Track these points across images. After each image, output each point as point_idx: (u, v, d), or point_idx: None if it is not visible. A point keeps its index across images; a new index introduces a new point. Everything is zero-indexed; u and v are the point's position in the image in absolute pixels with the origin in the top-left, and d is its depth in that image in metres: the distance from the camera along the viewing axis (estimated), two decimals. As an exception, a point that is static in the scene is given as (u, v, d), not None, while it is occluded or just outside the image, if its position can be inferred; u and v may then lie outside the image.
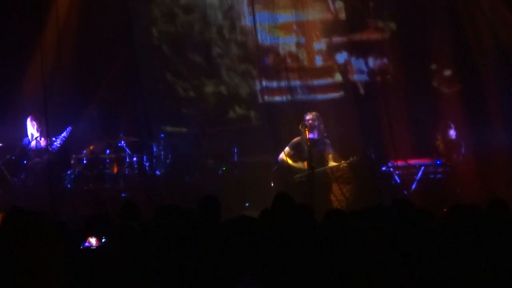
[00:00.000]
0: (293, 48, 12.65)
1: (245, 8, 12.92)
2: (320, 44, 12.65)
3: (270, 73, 12.63)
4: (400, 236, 4.52)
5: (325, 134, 11.00)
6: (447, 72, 11.93)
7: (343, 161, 10.72)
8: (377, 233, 4.22)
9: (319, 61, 12.64)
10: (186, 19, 13.14)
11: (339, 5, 12.64)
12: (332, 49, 12.58)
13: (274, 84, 12.58)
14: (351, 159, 10.72)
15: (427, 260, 4.26)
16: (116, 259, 4.25)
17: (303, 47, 12.63)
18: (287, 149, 10.93)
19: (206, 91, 13.02)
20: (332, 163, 10.77)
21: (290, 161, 10.86)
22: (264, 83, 12.51)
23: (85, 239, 6.66)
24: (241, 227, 3.47)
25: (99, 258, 4.70)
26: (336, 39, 12.58)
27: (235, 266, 3.35)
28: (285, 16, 12.56)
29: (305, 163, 10.71)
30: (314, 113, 10.95)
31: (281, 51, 12.56)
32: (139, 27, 12.91)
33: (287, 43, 12.63)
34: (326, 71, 12.60)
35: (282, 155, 10.93)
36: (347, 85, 12.47)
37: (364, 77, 12.55)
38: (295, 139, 10.95)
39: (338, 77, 12.58)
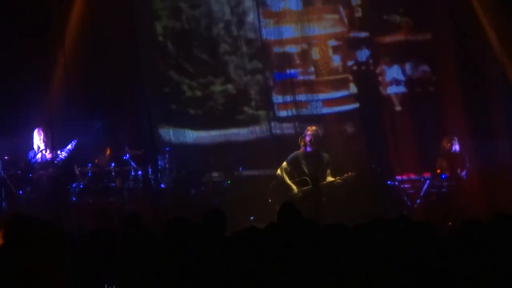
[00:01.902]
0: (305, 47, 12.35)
1: (253, 4, 12.52)
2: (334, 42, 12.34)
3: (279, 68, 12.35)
4: (405, 250, 4.52)
5: (325, 149, 10.95)
6: (451, 86, 11.92)
7: (338, 178, 10.66)
8: (382, 247, 4.22)
9: (336, 60, 12.32)
10: (192, 14, 12.82)
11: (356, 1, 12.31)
12: (351, 46, 12.27)
13: (281, 99, 12.44)
14: (345, 175, 10.67)
15: (432, 273, 4.26)
16: (121, 271, 4.26)
17: (317, 46, 12.32)
18: (284, 164, 10.93)
19: (213, 90, 12.73)
20: (329, 179, 10.73)
21: (285, 177, 10.85)
22: (274, 98, 12.34)
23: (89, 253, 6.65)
24: (248, 238, 3.48)
25: (104, 271, 4.70)
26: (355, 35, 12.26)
27: (241, 276, 3.36)
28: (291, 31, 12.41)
29: (296, 186, 10.72)
30: (314, 127, 10.92)
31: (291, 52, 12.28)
32: (143, 23, 12.61)
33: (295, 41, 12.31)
34: (340, 82, 12.32)
35: (279, 171, 10.94)
36: (362, 97, 12.25)
37: (401, 89, 12.24)
38: (293, 154, 10.94)
39: (353, 89, 12.32)
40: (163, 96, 12.83)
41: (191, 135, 12.80)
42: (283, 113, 12.47)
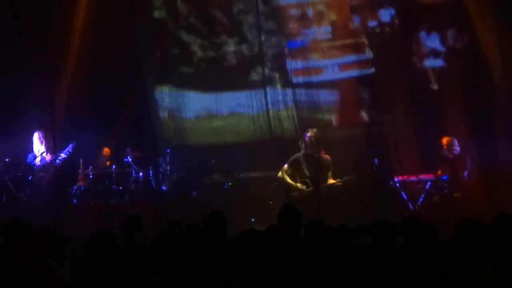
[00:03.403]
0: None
1: None
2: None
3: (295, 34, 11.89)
4: (408, 251, 4.51)
5: (325, 151, 10.92)
6: (453, 86, 11.89)
7: (338, 180, 10.65)
8: (385, 248, 4.21)
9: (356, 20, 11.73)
10: None
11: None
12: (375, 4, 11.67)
13: (296, 64, 11.90)
14: (345, 178, 10.65)
15: (434, 274, 4.25)
16: (122, 273, 4.25)
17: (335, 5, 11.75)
18: (285, 166, 10.90)
19: (226, 50, 12.32)
20: (330, 181, 10.72)
21: (287, 179, 10.83)
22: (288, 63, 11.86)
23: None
24: (249, 240, 3.47)
25: (105, 273, 4.69)
26: None
27: (242, 277, 3.35)
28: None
29: (299, 184, 10.71)
30: (315, 130, 10.88)
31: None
32: None
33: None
34: (356, 46, 11.76)
35: (280, 173, 10.92)
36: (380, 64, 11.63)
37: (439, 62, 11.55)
38: (294, 156, 10.92)
39: (369, 54, 11.71)
40: (171, 58, 12.42)
41: (190, 98, 12.45)
42: (299, 79, 11.95)
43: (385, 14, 11.71)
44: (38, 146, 11.35)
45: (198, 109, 12.63)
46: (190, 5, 12.43)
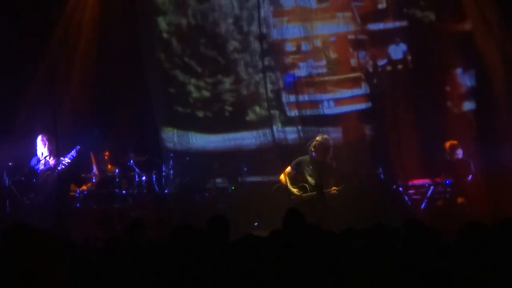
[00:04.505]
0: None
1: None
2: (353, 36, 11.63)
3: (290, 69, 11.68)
4: (410, 254, 4.51)
5: (332, 157, 10.86)
6: (458, 92, 11.87)
7: (333, 188, 10.61)
8: (386, 252, 4.21)
9: (361, 56, 11.58)
10: (199, 8, 12.12)
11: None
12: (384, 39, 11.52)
13: (291, 98, 11.77)
14: (341, 186, 10.60)
15: (437, 278, 4.25)
16: (126, 278, 4.25)
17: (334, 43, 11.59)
18: (288, 168, 10.89)
19: (222, 89, 12.13)
20: (330, 187, 10.67)
21: (288, 181, 10.82)
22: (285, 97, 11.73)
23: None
24: (252, 244, 3.48)
25: (109, 278, 4.70)
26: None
27: (245, 281, 3.36)
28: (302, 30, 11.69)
29: (296, 190, 10.69)
30: (325, 136, 10.84)
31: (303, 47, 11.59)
32: (146, 20, 12.00)
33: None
34: (352, 81, 11.64)
35: (282, 174, 10.91)
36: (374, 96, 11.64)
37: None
38: (300, 158, 10.89)
39: (365, 89, 11.68)
40: (169, 97, 12.27)
41: (197, 139, 12.36)
42: (293, 113, 11.82)
43: (396, 51, 11.63)
44: (42, 149, 11.36)
45: (201, 146, 12.46)
46: (183, 44, 12.23)
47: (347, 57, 11.76)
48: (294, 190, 10.72)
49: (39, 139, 11.40)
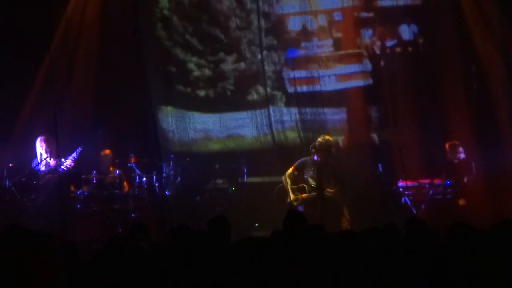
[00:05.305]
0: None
1: None
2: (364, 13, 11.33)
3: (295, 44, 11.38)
4: (411, 255, 4.51)
5: (334, 158, 10.85)
6: (458, 92, 11.86)
7: (328, 189, 10.59)
8: (388, 253, 4.21)
9: (366, 35, 11.32)
10: None
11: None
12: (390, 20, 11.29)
13: (293, 75, 11.49)
14: (336, 189, 10.56)
15: (437, 279, 4.25)
16: (125, 279, 4.25)
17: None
18: (290, 170, 10.89)
19: (224, 68, 11.86)
20: (331, 189, 10.67)
21: (288, 182, 10.81)
22: (290, 73, 11.45)
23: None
24: (253, 245, 3.47)
25: (110, 280, 4.69)
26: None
27: (246, 283, 3.35)
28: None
29: (293, 196, 10.67)
30: (327, 137, 10.83)
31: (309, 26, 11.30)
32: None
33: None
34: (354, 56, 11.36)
35: (284, 176, 10.91)
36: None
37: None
38: (302, 159, 10.89)
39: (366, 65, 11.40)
40: (169, 76, 12.02)
41: (196, 120, 12.08)
42: (293, 89, 11.54)
43: (406, 31, 11.42)
44: (40, 150, 11.35)
45: (200, 129, 12.27)
46: (185, 21, 12.00)
47: (353, 36, 11.54)
48: (292, 196, 10.70)
49: (38, 142, 11.39)
